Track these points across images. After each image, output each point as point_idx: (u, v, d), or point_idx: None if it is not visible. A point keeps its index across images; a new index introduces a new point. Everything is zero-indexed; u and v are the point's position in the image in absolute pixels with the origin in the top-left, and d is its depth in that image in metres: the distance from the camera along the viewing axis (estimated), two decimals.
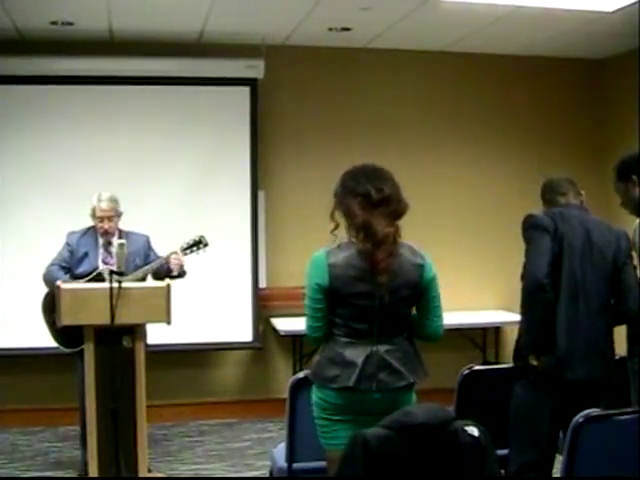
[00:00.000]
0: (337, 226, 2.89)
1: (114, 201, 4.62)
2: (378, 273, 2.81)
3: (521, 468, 3.37)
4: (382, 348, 2.87)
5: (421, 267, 2.90)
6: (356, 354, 2.86)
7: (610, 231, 3.46)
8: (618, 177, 3.59)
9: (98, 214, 4.58)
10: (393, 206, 2.86)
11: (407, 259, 2.88)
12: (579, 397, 3.29)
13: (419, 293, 2.91)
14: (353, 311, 2.87)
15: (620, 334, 3.61)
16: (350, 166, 2.97)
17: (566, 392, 3.33)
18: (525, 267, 3.35)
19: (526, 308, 3.36)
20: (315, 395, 2.95)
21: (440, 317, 3.00)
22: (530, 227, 3.42)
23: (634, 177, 3.50)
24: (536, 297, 3.29)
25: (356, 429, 2.54)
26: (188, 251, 4.60)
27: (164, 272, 4.57)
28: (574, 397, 3.30)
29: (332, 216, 2.90)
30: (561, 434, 3.39)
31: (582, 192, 3.61)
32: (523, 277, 3.35)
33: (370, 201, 2.83)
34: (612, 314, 3.43)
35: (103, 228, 4.59)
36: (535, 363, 3.34)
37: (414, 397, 2.97)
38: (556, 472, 3.39)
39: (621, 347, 3.64)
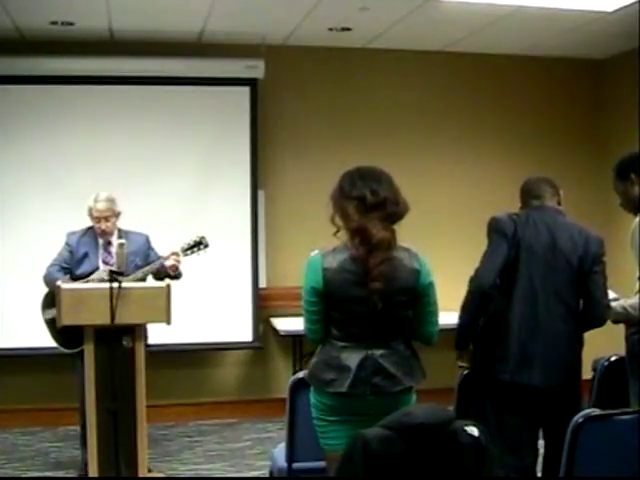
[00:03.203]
0: (339, 229, 2.87)
1: (110, 201, 4.61)
2: (371, 280, 2.77)
3: (511, 472, 3.36)
4: (377, 352, 2.85)
5: (417, 272, 2.86)
6: (351, 358, 2.84)
7: (580, 235, 3.37)
8: (617, 176, 3.58)
9: (94, 214, 4.58)
10: (390, 209, 2.82)
11: (403, 264, 2.84)
12: (544, 403, 3.28)
13: (415, 298, 2.88)
14: (348, 315, 2.85)
15: (615, 335, 3.61)
16: (347, 168, 2.95)
17: (530, 399, 3.29)
18: (475, 271, 3.33)
19: (463, 309, 3.37)
20: (312, 397, 2.95)
21: (434, 323, 2.97)
22: (491, 230, 3.42)
23: (633, 176, 3.49)
24: (476, 303, 3.32)
25: (353, 429, 2.54)
26: (189, 252, 4.60)
27: (164, 272, 4.57)
28: (539, 403, 3.29)
29: (332, 220, 2.87)
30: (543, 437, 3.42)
31: (561, 192, 3.55)
32: (471, 280, 3.33)
33: (365, 204, 2.80)
34: (580, 319, 3.37)
35: (100, 228, 4.59)
36: (462, 364, 3.39)
37: (414, 399, 2.95)
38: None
39: (616, 348, 3.65)
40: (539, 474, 3.46)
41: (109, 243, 4.62)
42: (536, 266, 3.31)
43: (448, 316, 3.19)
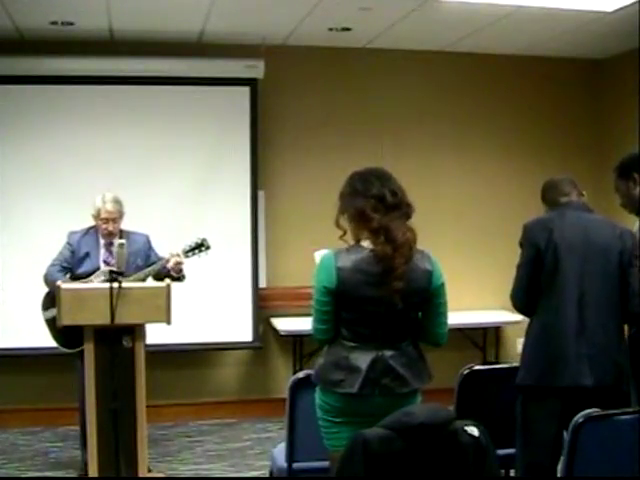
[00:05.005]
0: (345, 232, 2.87)
1: (118, 202, 4.60)
2: (395, 279, 2.76)
3: (527, 469, 3.35)
4: (387, 353, 2.85)
5: (430, 274, 2.87)
6: (361, 359, 2.84)
7: (614, 230, 3.38)
8: (619, 176, 3.58)
9: (103, 215, 4.56)
10: (404, 209, 2.85)
11: (417, 265, 2.85)
12: (588, 404, 3.23)
13: (426, 299, 2.89)
14: (359, 315, 2.85)
15: None
16: (347, 168, 2.95)
17: (574, 400, 3.23)
18: (512, 289, 3.45)
19: None
20: (318, 397, 2.94)
21: (444, 324, 2.97)
22: (521, 240, 3.44)
23: (635, 175, 3.49)
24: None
25: (358, 430, 2.53)
26: (190, 254, 4.58)
27: (164, 273, 4.57)
28: (583, 404, 3.21)
29: (337, 223, 2.87)
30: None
31: (584, 193, 3.56)
32: (510, 298, 3.47)
33: (385, 204, 2.80)
34: (622, 315, 3.35)
35: (107, 230, 4.57)
36: None
37: (419, 400, 2.95)
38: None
39: None
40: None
41: (111, 243, 4.61)
42: (576, 264, 3.29)
43: (449, 316, 3.18)
